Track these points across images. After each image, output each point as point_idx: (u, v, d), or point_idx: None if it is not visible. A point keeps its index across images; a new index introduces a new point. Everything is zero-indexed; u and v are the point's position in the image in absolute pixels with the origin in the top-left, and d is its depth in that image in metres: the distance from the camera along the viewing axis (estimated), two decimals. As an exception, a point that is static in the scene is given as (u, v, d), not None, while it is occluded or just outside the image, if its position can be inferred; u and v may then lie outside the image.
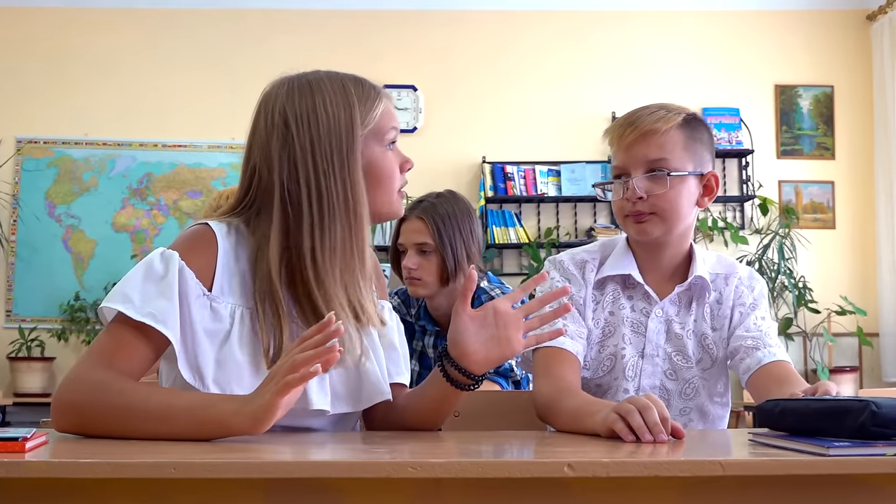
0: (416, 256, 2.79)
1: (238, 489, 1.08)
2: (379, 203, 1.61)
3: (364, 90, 1.60)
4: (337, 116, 1.55)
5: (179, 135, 6.23)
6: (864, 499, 1.14)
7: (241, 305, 1.52)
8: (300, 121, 1.55)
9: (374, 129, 1.59)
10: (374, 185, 1.59)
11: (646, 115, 1.86)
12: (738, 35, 6.43)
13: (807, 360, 6.12)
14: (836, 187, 6.39)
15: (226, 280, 1.53)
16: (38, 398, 5.65)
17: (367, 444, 1.39)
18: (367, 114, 1.58)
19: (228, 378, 1.46)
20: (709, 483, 1.11)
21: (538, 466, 1.09)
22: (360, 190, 1.55)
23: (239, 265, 1.55)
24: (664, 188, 1.83)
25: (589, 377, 1.91)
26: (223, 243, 1.54)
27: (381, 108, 1.60)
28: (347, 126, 1.55)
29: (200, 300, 1.49)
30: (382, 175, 1.60)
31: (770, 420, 1.33)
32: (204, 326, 1.48)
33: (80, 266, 6.08)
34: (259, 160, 1.57)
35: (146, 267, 1.48)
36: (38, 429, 1.24)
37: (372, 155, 1.58)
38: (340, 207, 1.54)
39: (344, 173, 1.54)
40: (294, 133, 1.54)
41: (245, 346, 1.49)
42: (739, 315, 1.91)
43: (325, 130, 1.54)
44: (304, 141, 1.54)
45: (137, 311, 1.43)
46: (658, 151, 1.84)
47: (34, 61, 6.21)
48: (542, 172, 6.25)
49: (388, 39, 6.34)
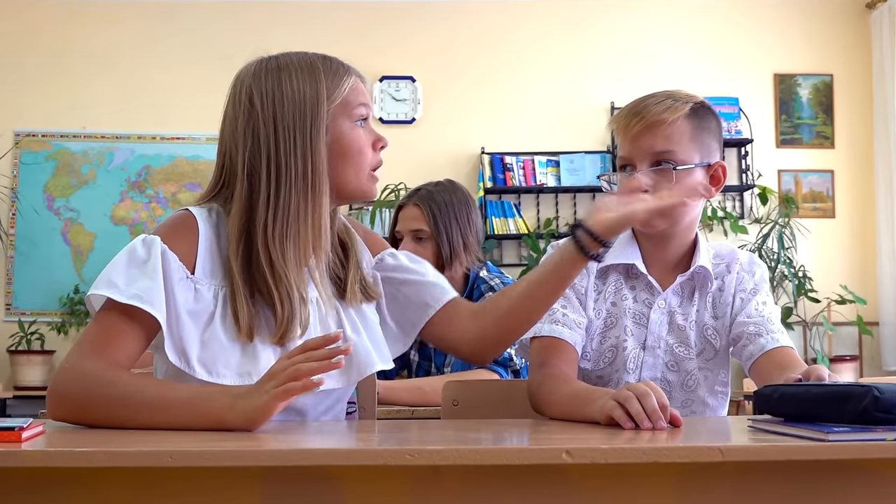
0: (412, 243, 2.80)
1: (235, 477, 1.08)
2: (346, 179, 1.60)
3: (332, 66, 1.60)
4: (301, 90, 1.55)
5: (178, 127, 6.21)
6: (864, 484, 1.14)
7: (223, 287, 1.53)
8: (265, 97, 1.55)
9: (342, 104, 1.58)
10: (341, 161, 1.58)
11: (652, 105, 1.82)
12: (736, 24, 6.42)
13: (807, 349, 6.12)
14: (835, 176, 6.38)
15: (208, 262, 1.54)
16: (38, 391, 5.64)
17: (364, 431, 1.39)
18: (335, 89, 1.57)
19: (214, 358, 1.47)
20: (708, 469, 1.11)
21: (536, 453, 1.09)
22: (321, 162, 1.55)
23: (220, 247, 1.56)
24: (670, 182, 1.80)
25: (590, 368, 1.90)
26: (203, 227, 1.55)
27: (350, 83, 1.60)
28: (312, 99, 1.55)
29: (184, 283, 1.50)
30: (349, 150, 1.59)
31: (769, 405, 1.33)
32: (188, 308, 1.49)
33: (79, 259, 6.08)
34: (229, 141, 1.59)
35: (129, 253, 1.49)
36: (34, 419, 1.24)
37: (339, 130, 1.58)
38: (298, 180, 1.53)
39: (305, 145, 1.54)
40: (258, 109, 1.55)
41: (229, 327, 1.50)
42: (741, 301, 1.90)
43: (288, 103, 1.55)
44: (267, 115, 1.54)
45: (123, 293, 1.43)
46: (665, 143, 1.81)
47: (32, 54, 6.19)
48: (542, 163, 6.24)
49: (387, 30, 6.33)
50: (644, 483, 1.11)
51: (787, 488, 1.13)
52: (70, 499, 1.07)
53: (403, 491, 1.10)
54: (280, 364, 1.34)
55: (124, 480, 1.07)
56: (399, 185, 5.87)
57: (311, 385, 1.29)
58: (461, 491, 1.10)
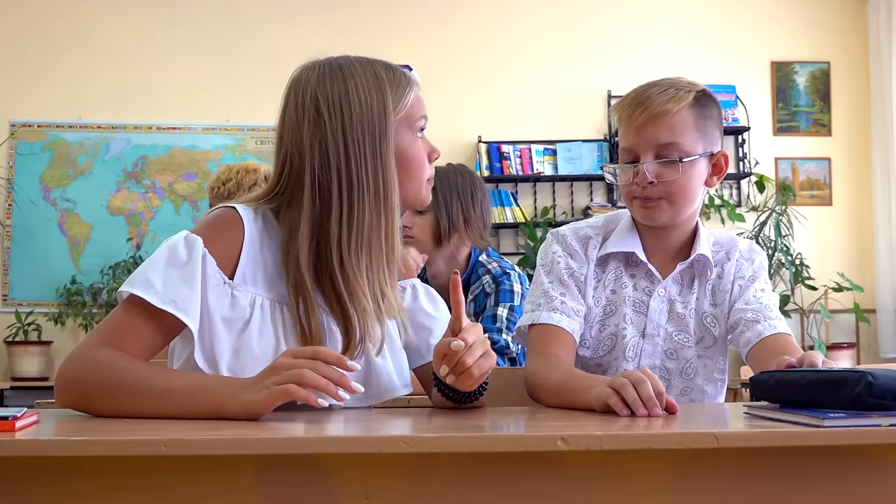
0: (411, 215, 2.84)
1: (229, 466, 1.08)
2: (407, 191, 1.58)
3: (395, 77, 1.58)
4: (369, 103, 1.53)
5: (174, 117, 6.20)
6: (859, 469, 1.14)
7: (261, 295, 1.51)
8: (332, 107, 1.52)
9: (406, 117, 1.57)
10: (404, 173, 1.57)
11: (655, 95, 1.80)
12: (734, 11, 6.40)
13: (804, 336, 6.13)
14: (832, 164, 6.38)
15: (249, 268, 1.51)
16: (35, 382, 5.65)
17: (359, 420, 1.39)
18: (399, 101, 1.56)
19: (243, 367, 1.45)
20: (703, 455, 1.11)
21: (531, 440, 1.08)
22: (392, 177, 1.53)
23: (263, 253, 1.53)
24: (675, 174, 1.79)
25: (589, 356, 1.90)
26: (250, 229, 1.52)
27: (413, 95, 1.58)
28: (380, 113, 1.53)
29: (220, 288, 1.47)
30: (412, 163, 1.58)
31: (765, 391, 1.33)
32: (222, 315, 1.46)
33: (75, 250, 6.07)
34: (290, 147, 1.55)
35: (169, 252, 1.46)
36: (29, 409, 1.24)
37: (403, 142, 1.56)
38: (370, 195, 1.52)
39: (376, 160, 1.52)
40: (326, 119, 1.52)
41: (264, 337, 1.48)
42: (739, 288, 1.89)
43: (357, 116, 1.52)
44: (335, 127, 1.51)
45: (160, 297, 1.41)
46: (669, 135, 1.79)
47: (28, 44, 6.17)
48: (539, 152, 6.23)
49: (384, 19, 6.31)
50: (639, 469, 1.11)
51: (783, 474, 1.13)
52: (65, 487, 1.07)
53: (399, 479, 1.10)
54: (284, 360, 1.32)
55: (119, 469, 1.06)
56: (396, 175, 5.86)
57: (312, 398, 1.27)
58: (456, 478, 1.10)
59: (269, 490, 1.08)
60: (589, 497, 1.11)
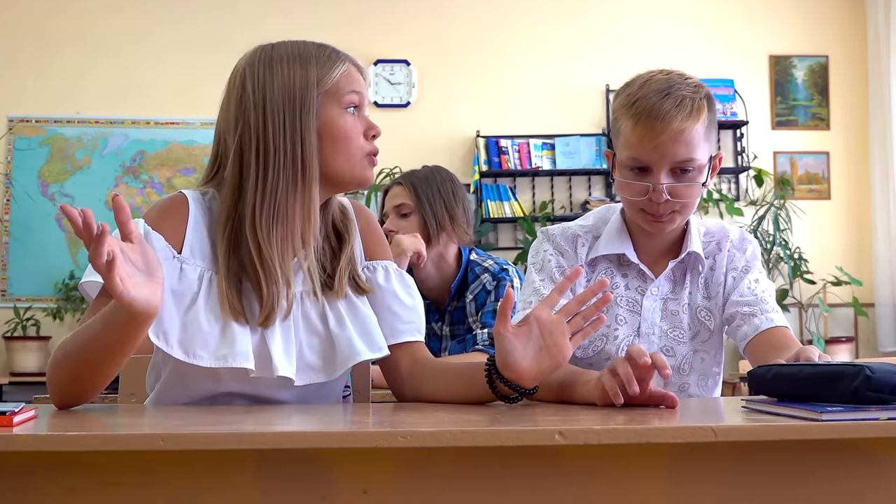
0: (397, 219, 2.87)
1: (228, 461, 1.08)
2: (338, 166, 1.58)
3: (325, 53, 1.60)
4: (291, 74, 1.56)
5: (172, 112, 6.20)
6: (857, 463, 1.14)
7: (209, 269, 1.54)
8: (256, 80, 1.56)
9: (332, 90, 1.57)
10: (331, 147, 1.57)
11: (674, 111, 1.74)
12: (732, 5, 6.40)
13: (802, 331, 6.13)
14: (831, 158, 6.38)
15: (196, 244, 1.55)
16: (33, 377, 5.64)
17: (357, 414, 1.39)
18: (325, 74, 1.57)
19: (192, 340, 1.48)
20: (701, 449, 1.11)
21: (529, 434, 1.08)
22: (311, 149, 1.55)
23: (209, 230, 1.57)
24: (690, 188, 1.79)
25: (579, 356, 1.90)
26: (194, 208, 1.57)
27: (341, 70, 1.59)
28: (302, 83, 1.55)
29: (169, 262, 1.51)
30: (338, 136, 1.57)
31: (763, 385, 1.33)
32: (172, 288, 1.50)
33: (74, 245, 6.06)
34: (222, 126, 1.60)
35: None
36: (27, 404, 1.24)
37: (328, 115, 1.57)
38: (287, 163, 1.54)
39: (294, 129, 1.54)
40: (250, 91, 1.56)
41: (210, 309, 1.50)
42: (732, 280, 1.89)
43: (278, 87, 1.55)
44: (257, 99, 1.55)
45: None
46: (686, 151, 1.76)
47: (25, 40, 6.16)
48: (537, 146, 6.23)
49: (382, 13, 6.30)
50: (637, 463, 1.11)
51: (780, 468, 1.13)
52: (62, 482, 1.07)
53: (397, 473, 1.10)
54: None
55: (116, 464, 1.06)
56: (394, 169, 5.86)
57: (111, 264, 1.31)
58: (455, 472, 1.10)
59: (268, 484, 1.08)
60: (587, 491, 1.11)
